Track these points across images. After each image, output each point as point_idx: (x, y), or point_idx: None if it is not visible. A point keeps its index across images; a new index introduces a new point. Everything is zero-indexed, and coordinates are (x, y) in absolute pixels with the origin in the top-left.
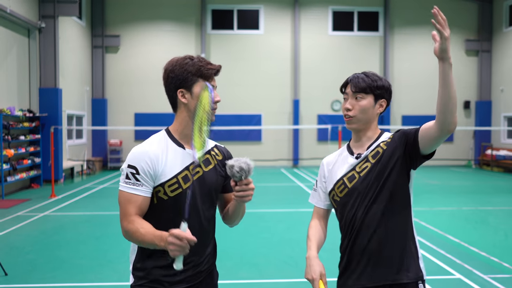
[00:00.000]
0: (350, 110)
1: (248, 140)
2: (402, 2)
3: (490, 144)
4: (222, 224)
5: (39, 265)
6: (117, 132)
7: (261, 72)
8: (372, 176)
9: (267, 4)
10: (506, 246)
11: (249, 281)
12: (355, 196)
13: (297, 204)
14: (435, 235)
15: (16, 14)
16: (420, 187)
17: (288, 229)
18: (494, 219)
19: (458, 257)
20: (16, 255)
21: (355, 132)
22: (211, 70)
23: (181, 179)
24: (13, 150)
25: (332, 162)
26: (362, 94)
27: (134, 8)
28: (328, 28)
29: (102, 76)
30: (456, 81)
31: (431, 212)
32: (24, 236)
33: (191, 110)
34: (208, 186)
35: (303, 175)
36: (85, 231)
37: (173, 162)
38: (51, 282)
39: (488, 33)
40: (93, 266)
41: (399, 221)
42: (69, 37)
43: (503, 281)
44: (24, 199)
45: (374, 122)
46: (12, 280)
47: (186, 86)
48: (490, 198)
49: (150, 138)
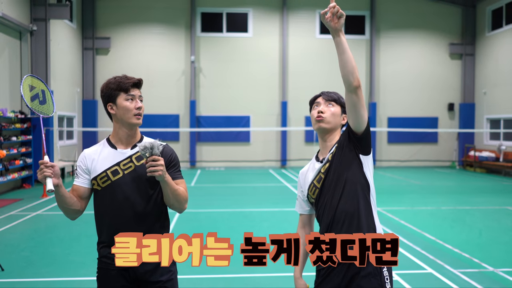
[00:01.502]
0: (323, 112)
1: (237, 141)
2: (388, 6)
3: (473, 145)
4: (211, 223)
5: (33, 261)
6: (108, 133)
7: (249, 74)
8: (332, 171)
9: (256, 7)
10: (478, 243)
11: (234, 275)
12: (324, 193)
13: (282, 203)
14: (413, 232)
15: (8, 17)
16: (403, 187)
17: (272, 227)
18: (470, 218)
19: (432, 253)
20: (11, 252)
21: (322, 134)
22: (128, 83)
23: (110, 173)
24: (5, 151)
25: (305, 172)
26: (333, 103)
27: (125, 11)
28: (315, 31)
29: (93, 77)
30: (441, 83)
31: (411, 211)
32: (18, 234)
33: (119, 119)
34: (140, 178)
35: (291, 176)
36: (77, 229)
37: (104, 160)
38: (46, 277)
39: (472, 37)
40: (86, 262)
41: (359, 205)
42: (60, 39)
43: (471, 275)
44: (16, 198)
45: (338, 131)
46: (9, 275)
47: (112, 100)
48: (469, 198)
49: (94, 145)
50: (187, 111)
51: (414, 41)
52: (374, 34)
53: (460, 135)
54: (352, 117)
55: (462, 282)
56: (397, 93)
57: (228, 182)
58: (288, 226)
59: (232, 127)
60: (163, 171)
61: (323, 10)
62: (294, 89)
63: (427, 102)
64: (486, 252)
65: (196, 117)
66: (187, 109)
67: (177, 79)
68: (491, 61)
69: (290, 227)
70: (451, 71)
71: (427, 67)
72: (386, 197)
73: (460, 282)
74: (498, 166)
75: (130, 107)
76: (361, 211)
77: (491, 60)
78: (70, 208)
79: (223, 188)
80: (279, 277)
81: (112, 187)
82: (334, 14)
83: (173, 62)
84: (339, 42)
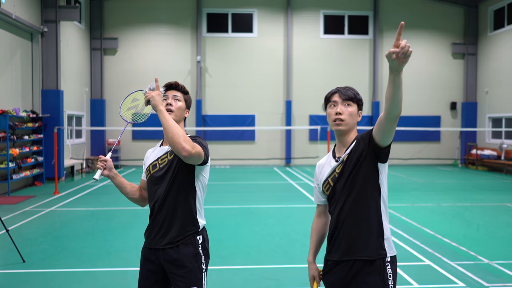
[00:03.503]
0: (341, 114)
1: (242, 140)
2: (391, 6)
3: (475, 144)
4: (218, 219)
5: (52, 254)
6: (116, 131)
7: (254, 74)
8: (346, 173)
9: (261, 8)
10: (476, 238)
11: (242, 266)
12: (337, 193)
13: (287, 200)
14: (413, 228)
15: (20, 20)
16: (405, 185)
17: (278, 222)
18: (469, 214)
19: (430, 247)
20: (30, 245)
21: (341, 135)
22: (164, 87)
23: (151, 167)
24: (17, 149)
25: (321, 165)
26: (350, 102)
27: (132, 12)
28: (319, 31)
29: (101, 77)
30: (443, 82)
31: (412, 207)
32: (35, 229)
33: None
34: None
35: (295, 174)
36: (91, 224)
37: (152, 157)
38: (64, 268)
39: (474, 37)
40: (101, 254)
41: (369, 210)
42: (69, 40)
43: (467, 267)
44: (29, 195)
45: (355, 129)
46: (30, 266)
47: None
48: (469, 195)
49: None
50: (193, 110)
51: (417, 41)
52: (377, 34)
53: (463, 133)
54: (381, 135)
55: (458, 273)
56: None
57: (233, 179)
58: (294, 222)
59: (238, 126)
60: (153, 97)
61: (392, 49)
62: (299, 88)
63: (430, 101)
64: (483, 245)
65: (202, 116)
66: (193, 108)
67: (183, 79)
68: (493, 61)
69: (295, 223)
70: (454, 71)
71: (430, 67)
72: (389, 194)
73: (457, 273)
74: (500, 164)
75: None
76: (371, 217)
77: (493, 59)
78: (128, 196)
79: (229, 186)
80: (296, 268)
81: (151, 179)
82: (405, 53)
83: (180, 62)
84: (398, 80)
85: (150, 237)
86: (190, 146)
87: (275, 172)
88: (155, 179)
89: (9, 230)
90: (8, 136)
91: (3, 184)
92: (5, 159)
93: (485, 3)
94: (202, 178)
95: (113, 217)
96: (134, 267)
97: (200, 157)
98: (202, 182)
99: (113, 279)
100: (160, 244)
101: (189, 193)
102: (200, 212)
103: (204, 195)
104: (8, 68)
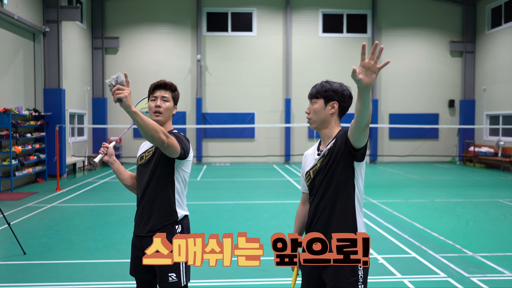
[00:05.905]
0: (308, 113)
1: (242, 138)
2: (389, 5)
3: (473, 141)
4: (214, 214)
5: (52, 246)
6: (117, 129)
7: (254, 72)
8: (325, 168)
9: (260, 7)
10: (464, 232)
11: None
12: (316, 186)
13: (283, 196)
14: (403, 222)
15: (22, 20)
16: (401, 181)
17: (272, 217)
18: (461, 209)
19: (417, 240)
20: (31, 238)
21: (318, 131)
22: (151, 86)
23: (139, 159)
24: (20, 147)
25: (307, 155)
26: (314, 99)
27: (133, 11)
28: (318, 30)
29: (102, 76)
30: (441, 80)
31: (405, 203)
32: (36, 223)
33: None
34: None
35: (294, 171)
36: (90, 219)
37: (141, 149)
38: (64, 260)
39: (472, 35)
40: (99, 247)
41: (344, 206)
42: (71, 40)
43: (450, 259)
44: (31, 192)
45: (331, 122)
46: (30, 258)
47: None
48: (463, 191)
49: None
50: (193, 109)
51: (415, 39)
52: (375, 32)
53: (460, 131)
54: (354, 138)
55: (441, 264)
56: (399, 90)
57: (232, 176)
58: (287, 217)
59: (237, 124)
60: (126, 97)
61: (357, 69)
62: (298, 86)
63: (428, 99)
64: (469, 239)
65: (202, 114)
66: (194, 106)
67: (183, 77)
68: (491, 59)
69: (288, 218)
70: (452, 69)
71: (428, 65)
72: (383, 190)
73: (440, 264)
74: (497, 161)
75: (151, 106)
76: (345, 213)
77: (490, 57)
78: (123, 183)
79: (227, 182)
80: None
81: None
82: (368, 68)
83: (180, 61)
84: (367, 98)
85: (136, 225)
86: (165, 136)
87: (274, 169)
88: (141, 168)
89: (11, 224)
90: (11, 134)
91: (6, 181)
92: (8, 157)
93: (482, 2)
94: (182, 172)
95: (112, 212)
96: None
97: (175, 148)
98: (182, 175)
99: (110, 269)
100: (143, 232)
101: (168, 184)
102: (180, 203)
103: (185, 188)
104: (11, 67)
